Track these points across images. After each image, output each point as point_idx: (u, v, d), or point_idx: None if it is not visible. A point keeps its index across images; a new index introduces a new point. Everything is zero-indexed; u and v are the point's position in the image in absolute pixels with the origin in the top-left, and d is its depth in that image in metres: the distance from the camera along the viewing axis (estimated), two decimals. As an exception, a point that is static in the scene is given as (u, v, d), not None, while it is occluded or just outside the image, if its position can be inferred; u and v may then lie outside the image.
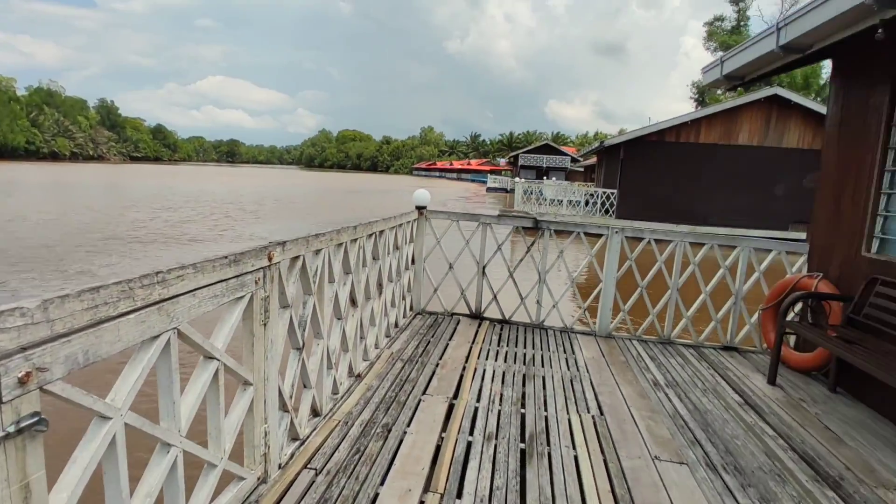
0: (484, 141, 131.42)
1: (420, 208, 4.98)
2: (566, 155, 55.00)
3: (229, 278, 1.85)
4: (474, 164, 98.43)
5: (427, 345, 4.32)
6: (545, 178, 51.21)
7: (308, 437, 2.66)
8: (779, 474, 2.71)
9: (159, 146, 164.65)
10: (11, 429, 1.06)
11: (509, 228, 5.15)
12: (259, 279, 2.06)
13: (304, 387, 2.68)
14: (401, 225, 4.41)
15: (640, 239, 4.92)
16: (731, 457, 2.85)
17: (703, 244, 4.84)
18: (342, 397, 3.16)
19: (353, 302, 3.30)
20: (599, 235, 4.92)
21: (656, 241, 4.89)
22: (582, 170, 47.99)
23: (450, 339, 4.54)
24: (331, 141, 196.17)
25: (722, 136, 18.02)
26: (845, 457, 2.96)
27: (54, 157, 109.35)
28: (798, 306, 4.34)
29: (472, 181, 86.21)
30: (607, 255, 4.86)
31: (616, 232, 4.82)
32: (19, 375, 1.07)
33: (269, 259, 2.12)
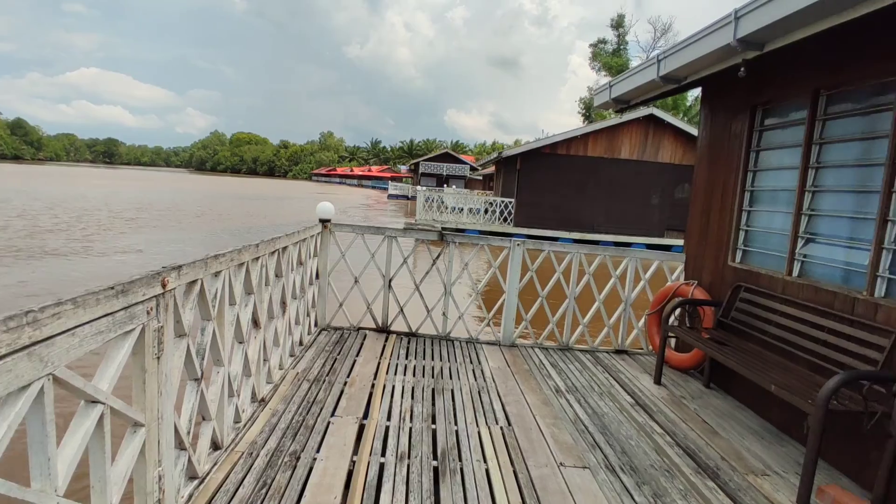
0: (385, 147, 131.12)
1: (324, 221, 4.85)
2: (465, 163, 56.40)
3: (116, 311, 1.67)
4: (375, 170, 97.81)
5: (334, 362, 4.21)
6: (445, 185, 52.13)
7: (208, 473, 2.48)
8: (667, 470, 2.96)
9: (19, 143, 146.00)
10: None
11: (414, 241, 5.17)
12: (151, 309, 1.88)
13: (203, 419, 2.50)
14: (304, 240, 4.26)
15: (541, 251, 5.15)
16: (627, 457, 3.06)
17: (597, 255, 5.17)
18: (245, 426, 2.99)
19: (255, 323, 3.13)
20: (502, 247, 5.08)
21: (554, 252, 5.15)
22: (481, 178, 49.45)
23: (357, 354, 4.46)
24: (224, 143, 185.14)
25: (606, 150, 19.48)
26: (720, 447, 3.29)
27: None
28: (678, 311, 4.77)
29: (374, 188, 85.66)
30: (510, 267, 5.04)
31: (518, 244, 5.01)
32: None
33: (164, 286, 1.95)
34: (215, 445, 2.64)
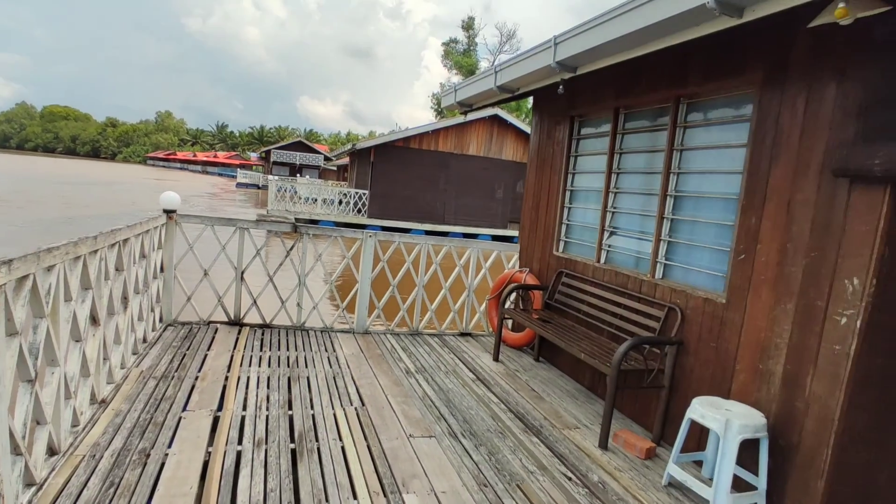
0: (233, 133, 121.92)
1: (168, 212, 4.62)
2: (319, 153, 54.98)
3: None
4: (222, 156, 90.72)
5: (183, 358, 4.08)
6: (299, 175, 50.38)
7: (46, 479, 2.35)
8: (500, 431, 3.44)
9: None
10: None
11: (267, 232, 5.15)
12: (-18, 307, 1.79)
13: (38, 423, 2.36)
14: (147, 231, 4.05)
15: (392, 242, 5.44)
16: (468, 424, 3.49)
17: (444, 246, 5.61)
18: (84, 428, 2.84)
19: (94, 320, 2.97)
20: (355, 239, 5.28)
21: (404, 243, 5.48)
22: (335, 168, 48.62)
23: (208, 349, 4.36)
24: (33, 117, 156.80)
25: (456, 146, 20.52)
26: (544, 409, 3.88)
27: None
28: (513, 296, 5.39)
29: (220, 175, 79.60)
30: (363, 258, 5.26)
31: (370, 236, 5.25)
32: None
33: (-7, 282, 1.86)
34: (51, 450, 2.50)
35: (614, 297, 4.09)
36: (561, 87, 3.99)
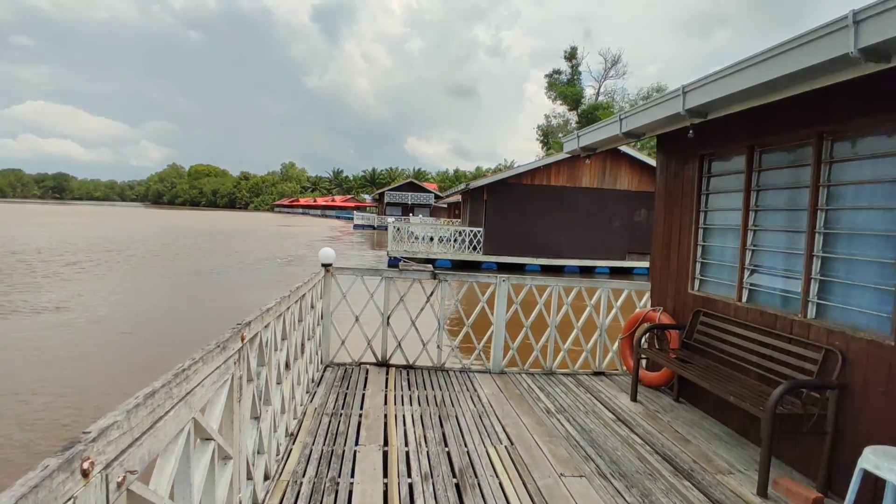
0: (347, 177, 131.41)
1: (326, 266, 5.28)
2: (430, 192, 57.33)
3: (220, 364, 2.10)
4: (339, 200, 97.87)
5: (345, 397, 4.60)
6: (411, 214, 52.87)
7: (264, 500, 2.85)
8: (650, 473, 3.48)
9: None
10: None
11: (410, 281, 5.64)
12: (236, 360, 2.31)
13: (259, 453, 2.88)
14: (315, 285, 4.68)
15: (524, 285, 5.70)
16: (616, 465, 3.57)
17: (574, 287, 5.75)
18: (283, 457, 3.36)
19: (287, 365, 3.53)
20: (489, 283, 5.61)
21: (536, 286, 5.71)
22: (446, 206, 50.35)
23: (364, 388, 4.86)
24: (182, 176, 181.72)
25: (568, 180, 20.53)
26: (692, 452, 3.84)
27: None
28: (647, 335, 5.37)
29: (337, 217, 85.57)
30: (497, 301, 5.56)
31: (503, 280, 5.55)
32: (118, 480, 1.31)
33: (242, 340, 2.38)
34: (266, 475, 3.02)
35: (761, 337, 3.98)
36: (691, 131, 4.07)
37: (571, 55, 57.32)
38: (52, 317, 10.58)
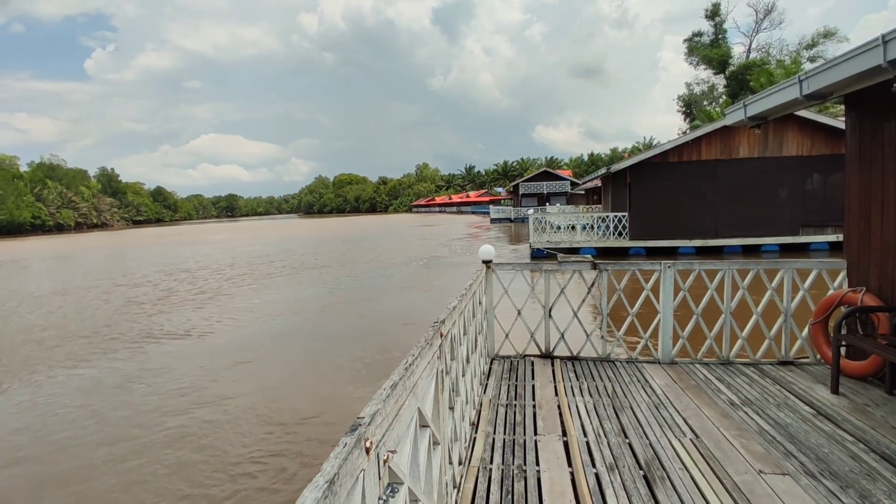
0: (479, 172, 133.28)
1: (486, 262, 5.47)
2: (565, 179, 56.02)
3: (430, 359, 2.32)
4: (473, 195, 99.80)
5: (515, 388, 4.75)
6: (547, 203, 52.11)
7: (460, 483, 3.08)
8: (868, 474, 3.12)
9: (160, 208, 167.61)
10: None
11: (569, 273, 5.62)
12: (438, 355, 2.53)
13: (454, 440, 3.12)
14: (480, 282, 4.90)
15: (691, 270, 5.38)
16: (824, 464, 3.26)
17: (750, 269, 5.30)
18: (470, 445, 3.59)
19: (467, 359, 3.76)
20: (653, 271, 5.39)
21: (705, 270, 5.36)
22: (583, 192, 48.85)
23: (532, 380, 4.97)
24: (328, 186, 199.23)
25: (722, 152, 18.73)
26: (921, 454, 3.36)
27: (59, 228, 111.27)
28: (847, 319, 4.77)
29: (473, 213, 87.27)
30: (662, 289, 5.32)
31: (668, 267, 5.29)
32: (384, 458, 1.53)
33: (441, 336, 2.59)
34: (459, 461, 3.25)
35: None
36: (895, 85, 3.54)
37: (714, 12, 52.10)
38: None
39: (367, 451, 1.38)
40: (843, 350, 4.90)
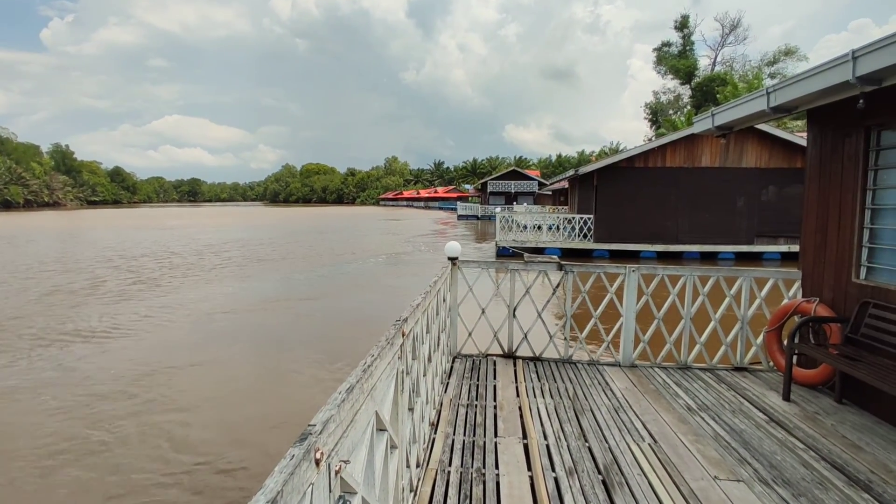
0: (448, 168, 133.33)
1: (452, 259, 5.39)
2: (533, 179, 56.51)
3: (390, 360, 2.21)
4: (441, 191, 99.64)
5: (477, 388, 4.69)
6: (514, 203, 52.48)
7: (417, 486, 2.99)
8: (820, 483, 3.18)
9: (118, 189, 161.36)
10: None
11: (535, 273, 5.59)
12: (399, 355, 2.42)
13: (412, 442, 3.02)
14: (445, 279, 4.80)
15: (655, 275, 5.43)
16: (776, 471, 3.31)
17: (710, 276, 5.38)
18: (428, 447, 3.50)
19: (429, 358, 3.66)
20: (617, 274, 5.41)
21: (668, 276, 5.42)
22: (550, 193, 49.35)
23: (494, 380, 4.92)
24: (294, 175, 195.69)
25: (686, 160, 19.19)
26: (866, 461, 3.45)
27: (6, 205, 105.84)
28: (800, 329, 4.90)
29: (441, 209, 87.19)
30: (626, 292, 5.35)
31: (633, 271, 5.32)
32: (336, 469, 1.42)
33: (403, 335, 2.49)
34: (417, 464, 3.16)
35: (954, 333, 3.46)
36: (861, 101, 3.62)
37: (683, 24, 53.49)
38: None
39: (318, 462, 1.26)
40: (795, 358, 5.03)
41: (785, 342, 5.14)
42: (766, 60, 49.31)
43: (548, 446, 3.58)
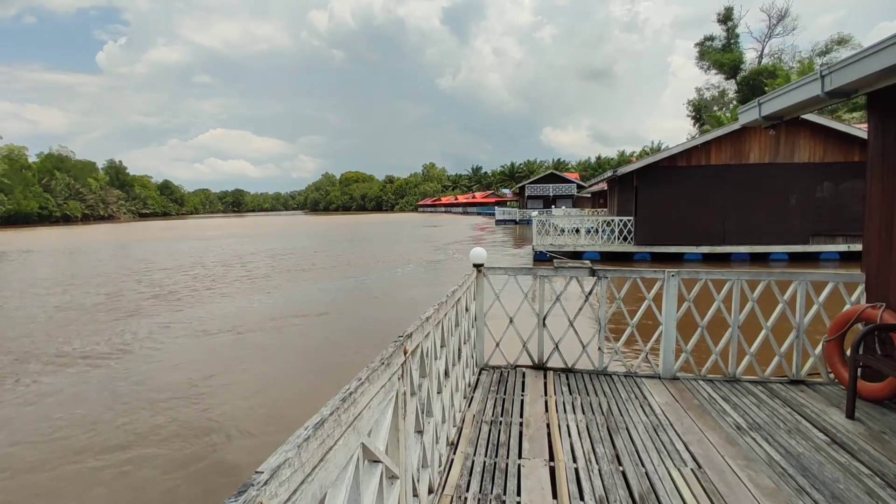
0: (486, 173, 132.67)
1: (477, 266, 5.12)
2: (572, 182, 55.52)
3: (385, 383, 1.97)
4: (479, 196, 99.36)
5: (503, 402, 4.40)
6: (553, 206, 51.63)
7: (430, 515, 2.73)
8: (893, 519, 2.75)
9: (167, 201, 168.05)
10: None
11: (566, 279, 5.27)
12: (400, 375, 2.18)
13: (423, 467, 2.77)
14: (469, 287, 4.54)
15: (697, 280, 5.01)
16: (839, 502, 2.89)
17: (760, 280, 4.93)
18: (445, 470, 3.24)
19: (446, 373, 3.41)
20: (656, 279, 5.02)
21: (712, 280, 4.99)
22: (589, 196, 48.32)
23: (522, 393, 4.62)
24: (334, 184, 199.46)
25: (732, 157, 18.27)
26: (950, 494, 2.99)
27: (66, 219, 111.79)
28: (866, 338, 4.40)
29: (479, 214, 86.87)
30: (665, 298, 4.95)
31: (672, 275, 4.92)
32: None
33: (405, 353, 2.25)
34: (430, 489, 2.90)
35: None
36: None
37: (726, 17, 51.59)
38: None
39: (258, 522, 1.03)
40: (859, 371, 4.53)
41: (848, 352, 4.64)
42: (818, 50, 46.90)
43: (576, 470, 3.26)
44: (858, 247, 17.82)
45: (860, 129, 17.75)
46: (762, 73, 46.55)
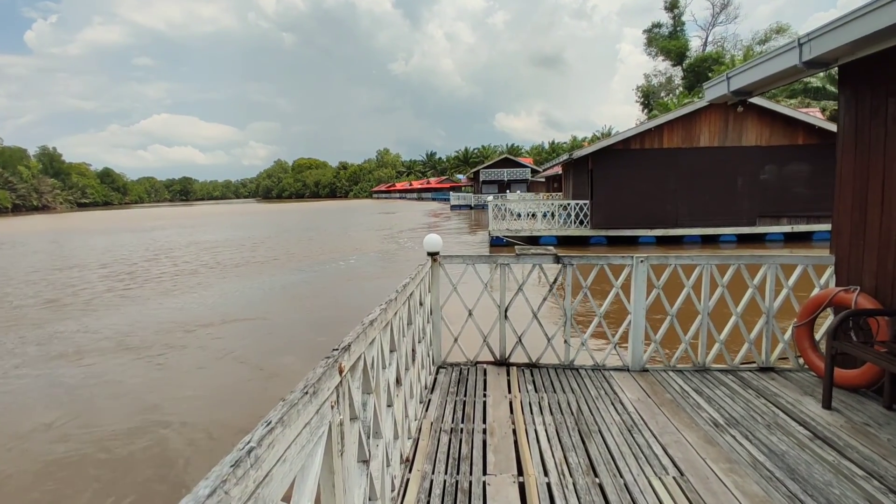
0: (440, 159, 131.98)
1: (432, 254, 4.67)
2: (526, 167, 55.67)
3: (311, 418, 1.49)
4: (434, 182, 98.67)
5: (463, 406, 3.99)
6: (507, 191, 51.62)
7: (380, 557, 2.28)
8: (894, 527, 2.49)
9: (108, 190, 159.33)
10: None
11: (529, 267, 4.88)
12: (334, 402, 1.70)
13: (370, 500, 2.31)
14: (423, 279, 4.08)
15: (666, 265, 4.73)
16: (837, 511, 2.62)
17: (729, 265, 4.69)
18: (399, 494, 2.79)
19: (398, 381, 2.95)
20: (623, 266, 4.71)
21: (681, 265, 4.71)
22: (543, 180, 48.54)
23: (484, 393, 4.22)
24: (287, 171, 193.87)
25: (684, 140, 18.43)
26: (944, 492, 2.77)
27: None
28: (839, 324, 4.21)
29: (434, 199, 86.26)
30: (633, 286, 4.65)
31: (641, 261, 4.61)
32: None
33: (340, 373, 1.77)
34: (381, 523, 2.45)
35: None
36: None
37: (673, 5, 52.55)
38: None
39: None
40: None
41: (817, 337, 4.47)
42: (758, 39, 48.41)
43: (549, 486, 2.88)
44: (802, 228, 18.48)
45: (803, 114, 18.22)
46: (706, 59, 47.72)
